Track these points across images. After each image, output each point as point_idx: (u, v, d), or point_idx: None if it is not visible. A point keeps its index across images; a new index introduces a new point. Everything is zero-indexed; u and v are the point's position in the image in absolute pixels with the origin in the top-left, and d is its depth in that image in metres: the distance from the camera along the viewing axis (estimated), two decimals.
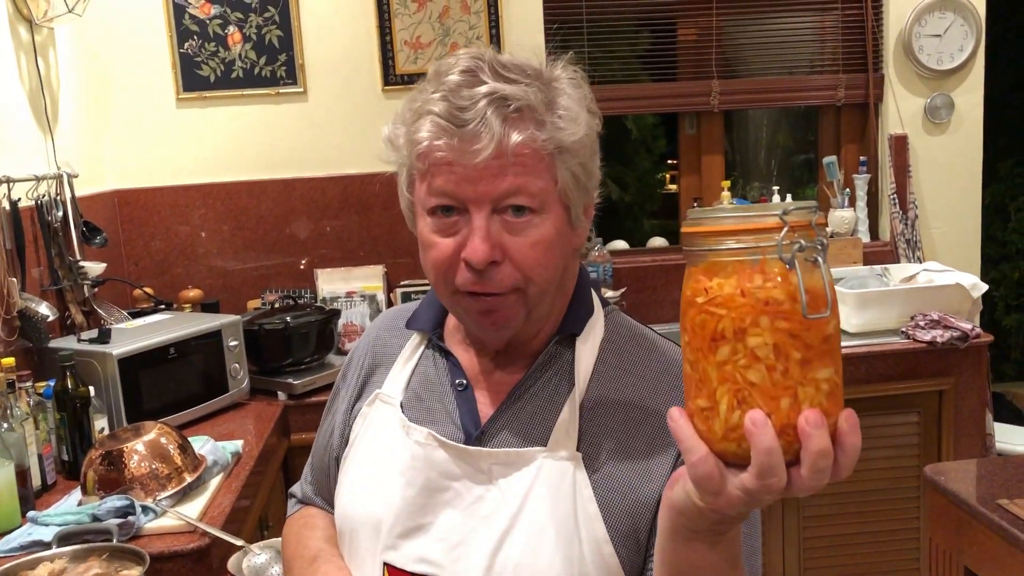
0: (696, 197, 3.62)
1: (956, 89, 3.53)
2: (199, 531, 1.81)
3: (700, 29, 3.57)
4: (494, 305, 0.99)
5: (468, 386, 1.08)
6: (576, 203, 1.01)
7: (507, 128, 0.93)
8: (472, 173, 0.94)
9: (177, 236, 3.33)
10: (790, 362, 0.68)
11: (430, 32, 3.32)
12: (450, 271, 0.99)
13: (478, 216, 0.95)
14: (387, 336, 1.20)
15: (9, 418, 1.94)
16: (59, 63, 2.89)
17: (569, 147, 0.97)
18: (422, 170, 0.98)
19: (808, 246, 0.68)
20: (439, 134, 0.94)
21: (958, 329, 2.92)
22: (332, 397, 1.25)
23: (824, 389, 0.68)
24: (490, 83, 0.94)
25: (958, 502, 1.95)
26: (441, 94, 0.95)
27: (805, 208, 0.69)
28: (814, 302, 0.68)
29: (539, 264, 0.98)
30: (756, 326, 0.68)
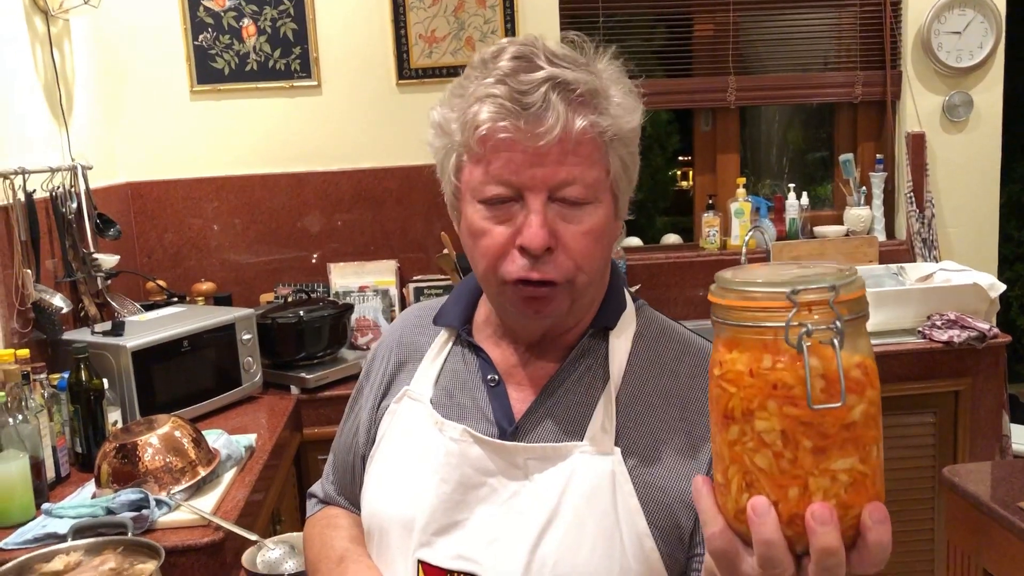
0: (711, 194, 3.60)
1: (975, 87, 3.50)
2: (213, 525, 1.80)
3: (717, 25, 3.54)
4: (543, 295, 0.98)
5: (500, 381, 1.07)
6: (624, 193, 1.01)
7: (571, 113, 0.92)
8: (532, 158, 0.93)
9: (190, 229, 3.33)
10: (800, 450, 0.63)
11: (445, 26, 3.30)
12: (501, 259, 0.97)
13: (535, 201, 0.94)
14: (413, 333, 1.19)
15: (24, 410, 1.93)
16: (74, 55, 2.88)
17: (624, 136, 0.97)
18: (478, 154, 0.96)
19: (817, 329, 0.62)
20: (503, 114, 0.92)
21: (975, 329, 2.90)
22: (355, 395, 1.24)
23: (843, 480, 0.63)
24: (547, 68, 0.93)
25: (976, 504, 1.93)
26: (496, 78, 0.93)
27: (818, 288, 0.63)
28: (827, 389, 0.63)
29: (590, 253, 0.97)
30: (763, 409, 0.64)
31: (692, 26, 3.60)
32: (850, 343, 0.64)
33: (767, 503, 0.64)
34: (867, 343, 0.66)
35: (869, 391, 0.64)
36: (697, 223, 3.65)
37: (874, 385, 0.65)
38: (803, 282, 0.64)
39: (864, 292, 0.65)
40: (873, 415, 0.65)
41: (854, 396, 0.63)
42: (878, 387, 0.65)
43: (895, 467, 2.94)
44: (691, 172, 3.97)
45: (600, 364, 1.05)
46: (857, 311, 0.64)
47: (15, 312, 2.31)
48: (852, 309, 0.64)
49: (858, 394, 0.64)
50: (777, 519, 0.64)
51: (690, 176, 4.08)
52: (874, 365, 0.66)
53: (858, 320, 0.65)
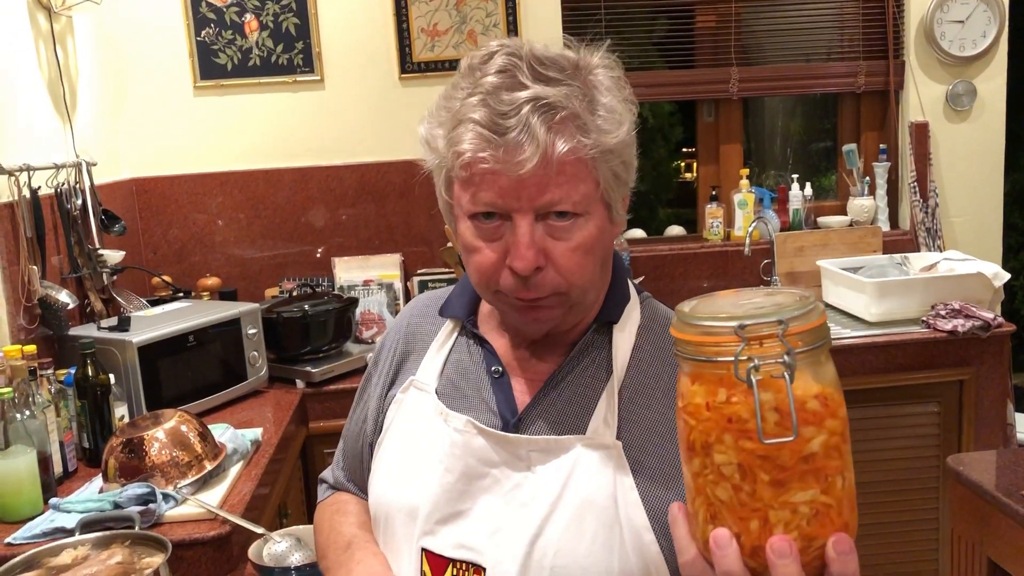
0: (715, 185, 3.60)
1: (978, 76, 3.49)
2: (219, 519, 1.81)
3: (719, 16, 3.54)
4: (535, 305, 0.99)
5: (504, 373, 1.08)
6: (616, 199, 1.01)
7: (552, 136, 0.91)
8: (515, 183, 0.92)
9: (195, 224, 3.34)
10: (758, 483, 0.63)
11: (447, 19, 3.30)
12: (494, 276, 0.99)
13: (522, 223, 0.94)
14: (420, 322, 1.20)
15: (31, 405, 1.95)
16: (77, 51, 2.89)
17: (612, 148, 0.96)
18: (464, 178, 0.96)
19: (766, 363, 0.62)
20: (483, 145, 0.92)
21: (980, 318, 2.89)
22: (364, 383, 1.25)
23: (804, 512, 0.63)
24: (531, 87, 0.92)
25: (981, 493, 1.94)
26: (479, 98, 0.93)
27: (766, 323, 0.62)
28: (782, 422, 0.62)
29: (580, 268, 0.98)
30: (721, 443, 0.64)
31: (694, 17, 3.59)
32: (808, 373, 0.64)
33: (728, 535, 0.64)
34: (828, 371, 0.65)
35: (830, 421, 0.63)
36: (701, 214, 3.65)
37: (836, 415, 0.64)
38: (753, 316, 0.63)
39: (821, 322, 0.64)
40: (835, 445, 0.64)
41: (812, 428, 0.63)
42: (842, 416, 0.65)
43: (899, 456, 2.95)
44: (694, 164, 3.97)
45: (604, 358, 1.06)
46: (812, 342, 0.63)
47: (21, 308, 2.32)
48: (806, 340, 0.63)
49: (816, 425, 0.63)
50: (739, 551, 0.64)
51: (693, 168, 4.08)
52: (837, 394, 0.65)
53: (815, 350, 0.64)
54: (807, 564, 0.64)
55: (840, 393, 0.65)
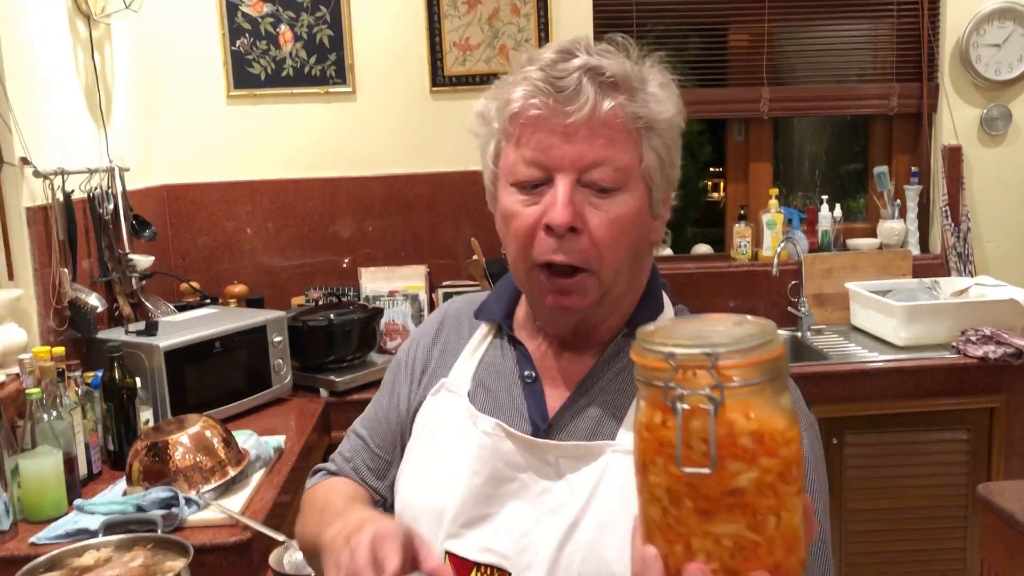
0: (743, 204, 3.58)
1: (1014, 100, 3.46)
2: (241, 525, 1.81)
3: (751, 35, 3.53)
4: (568, 287, 0.99)
5: (536, 378, 1.07)
6: (658, 187, 1.01)
7: (601, 95, 0.95)
8: (561, 137, 0.95)
9: (224, 232, 3.36)
10: (682, 510, 0.64)
11: (479, 34, 3.32)
12: (530, 240, 0.99)
13: (563, 182, 0.96)
14: (454, 324, 1.20)
15: (59, 406, 1.96)
16: (114, 58, 2.93)
17: (657, 124, 0.98)
18: (512, 135, 0.99)
19: (692, 394, 0.62)
20: (534, 93, 0.96)
21: (1011, 345, 2.85)
22: (392, 376, 1.22)
23: (726, 545, 0.63)
24: (584, 56, 0.97)
25: (1013, 523, 1.90)
26: (537, 65, 0.97)
27: (695, 355, 0.62)
28: (707, 453, 0.62)
29: (615, 241, 0.97)
30: (654, 464, 0.65)
31: (726, 36, 3.58)
32: (750, 408, 0.63)
33: (655, 555, 0.66)
34: (772, 410, 0.64)
35: (764, 460, 0.63)
36: (728, 233, 3.63)
37: (774, 454, 0.63)
38: (690, 346, 0.63)
39: (765, 358, 0.63)
40: (770, 483, 0.63)
41: (741, 464, 0.62)
42: (783, 455, 0.63)
43: (927, 484, 2.91)
44: (722, 183, 3.95)
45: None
46: (749, 379, 0.63)
47: (52, 310, 2.34)
48: (744, 376, 0.62)
49: (747, 462, 0.62)
50: (663, 571, 0.65)
51: (720, 187, 4.06)
52: (779, 434, 0.63)
53: (754, 387, 0.63)
54: None
55: (790, 432, 0.64)
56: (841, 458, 2.85)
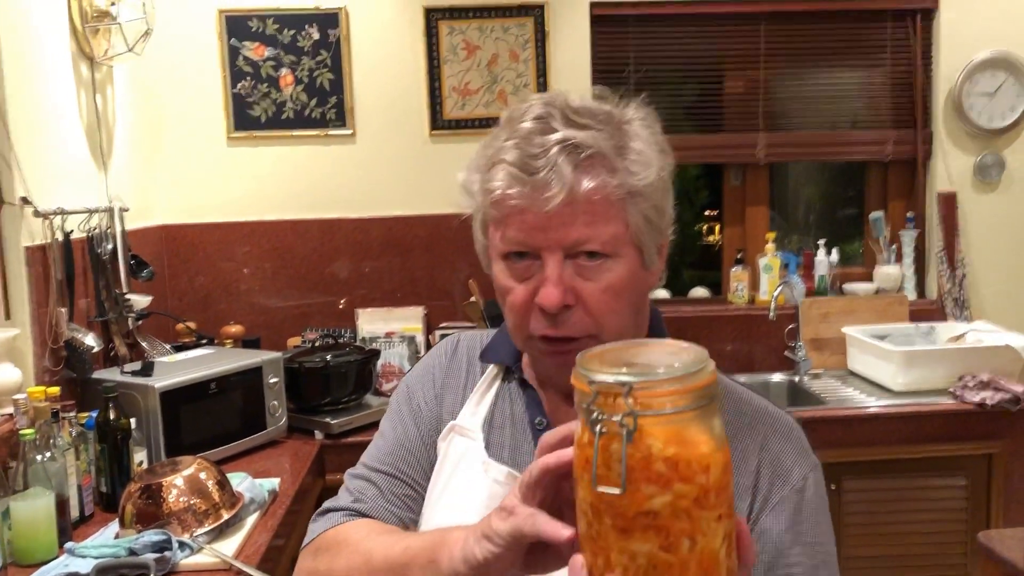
0: (740, 248, 3.60)
1: (1007, 148, 3.49)
2: (235, 569, 1.79)
3: (747, 81, 3.57)
4: (568, 350, 0.97)
5: (548, 425, 1.06)
6: (649, 244, 1.00)
7: (578, 175, 0.93)
8: (543, 220, 0.94)
9: (221, 272, 3.36)
10: (603, 525, 0.67)
11: (479, 79, 3.35)
12: (526, 316, 0.99)
13: (551, 261, 0.95)
14: (464, 361, 1.17)
15: (52, 447, 1.94)
16: (116, 100, 2.95)
17: (641, 191, 0.96)
18: (496, 217, 0.98)
19: (604, 419, 0.66)
20: (511, 183, 0.94)
21: (1009, 391, 2.85)
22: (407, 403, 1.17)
23: (640, 563, 0.66)
24: (561, 130, 0.94)
25: (1014, 571, 1.89)
26: (514, 142, 0.96)
27: (611, 383, 0.66)
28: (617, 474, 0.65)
29: (611, 310, 0.97)
30: (581, 480, 0.69)
31: (723, 83, 3.62)
32: (665, 436, 0.65)
33: (581, 564, 0.70)
34: (692, 437, 0.66)
35: (679, 486, 0.65)
36: (725, 277, 3.64)
37: (690, 480, 0.65)
38: (609, 373, 0.66)
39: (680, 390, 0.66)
40: (684, 508, 0.65)
41: (655, 487, 0.65)
42: (700, 483, 0.66)
43: (926, 530, 2.88)
44: (717, 227, 3.97)
45: None
46: (664, 408, 0.65)
47: (48, 350, 2.33)
48: (660, 405, 0.65)
49: (660, 486, 0.65)
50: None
51: (716, 231, 4.08)
52: (697, 461, 0.66)
53: (670, 415, 0.66)
54: None
55: (713, 458, 0.66)
56: (840, 504, 2.83)
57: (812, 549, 0.99)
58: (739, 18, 3.49)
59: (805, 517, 0.99)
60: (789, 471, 1.00)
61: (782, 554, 0.97)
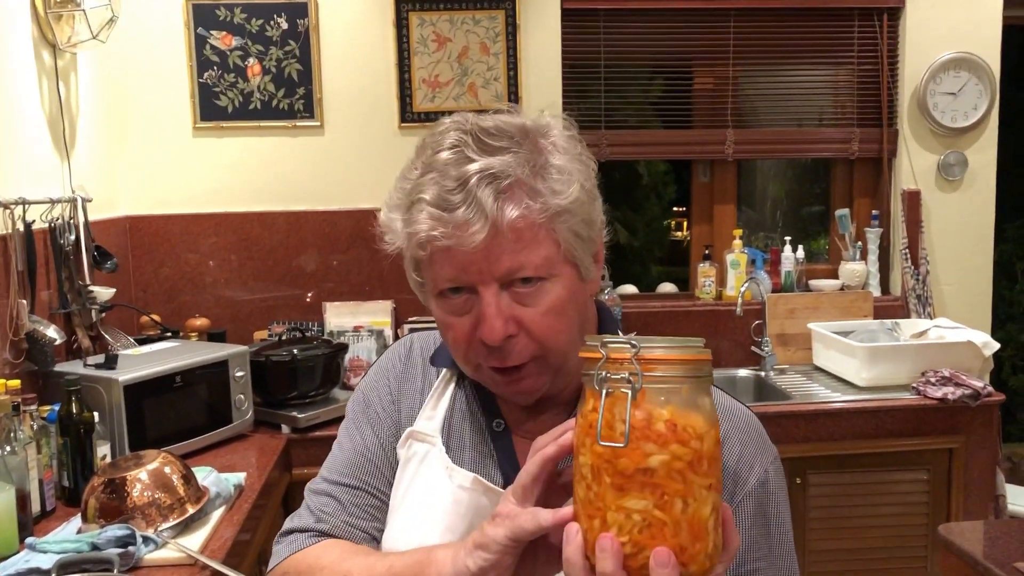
0: (708, 244, 3.62)
1: (970, 147, 3.55)
2: (200, 564, 1.77)
3: (716, 78, 3.59)
4: (517, 378, 0.98)
5: (506, 427, 1.06)
6: (583, 257, 0.98)
7: (499, 205, 0.91)
8: (472, 256, 0.92)
9: (186, 264, 3.32)
10: (602, 485, 0.72)
11: (448, 72, 3.34)
12: (470, 349, 0.98)
13: (487, 294, 0.94)
14: (419, 363, 1.16)
15: (12, 441, 1.91)
16: (80, 88, 2.90)
17: (566, 208, 0.94)
18: (424, 258, 0.96)
19: (612, 377, 0.72)
20: (434, 225, 0.92)
21: (970, 387, 2.90)
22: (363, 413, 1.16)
23: (635, 520, 0.71)
24: (478, 160, 0.92)
25: (973, 564, 1.92)
26: (431, 176, 0.93)
27: (622, 344, 0.73)
28: (620, 432, 0.71)
29: (553, 330, 0.96)
30: (583, 446, 0.75)
31: (692, 79, 3.64)
32: (668, 400, 0.72)
33: (576, 529, 0.74)
34: (689, 407, 0.73)
35: (675, 447, 0.71)
36: (693, 273, 3.66)
37: (685, 444, 0.71)
38: (608, 339, 0.74)
39: (685, 358, 0.73)
40: (679, 469, 0.71)
41: (653, 445, 0.71)
42: (694, 448, 0.72)
43: (887, 524, 2.92)
44: (685, 223, 3.99)
45: None
46: (668, 372, 0.72)
47: (8, 342, 2.29)
48: (664, 370, 0.72)
49: (659, 445, 0.71)
50: (581, 545, 0.74)
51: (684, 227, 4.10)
52: (693, 427, 0.72)
53: (672, 380, 0.72)
54: (635, 570, 0.71)
55: (706, 429, 0.73)
56: (804, 498, 2.87)
57: (776, 542, 1.01)
58: (709, 14, 3.50)
59: (769, 509, 1.01)
60: (751, 465, 1.00)
61: (748, 549, 0.98)
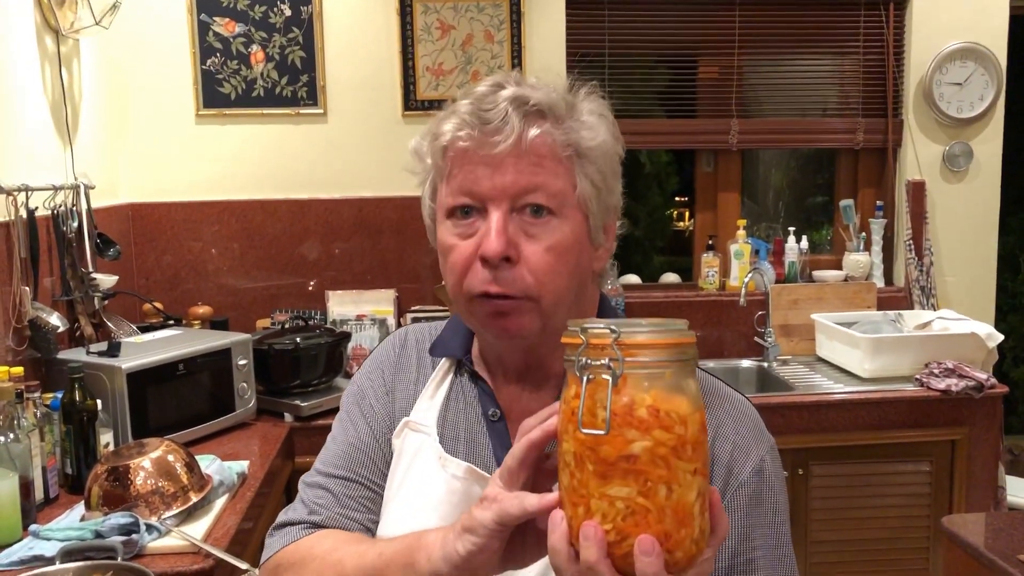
0: (711, 235, 3.61)
1: (975, 138, 3.53)
2: (203, 552, 1.77)
3: (721, 68, 3.57)
4: (507, 309, 0.97)
5: (501, 417, 1.06)
6: (596, 214, 1.00)
7: (526, 124, 0.95)
8: (493, 166, 0.95)
9: (189, 252, 3.32)
10: (585, 472, 0.71)
11: (452, 59, 3.32)
12: (464, 273, 0.98)
13: (496, 212, 0.95)
14: (414, 355, 1.16)
15: (15, 429, 1.91)
16: (82, 74, 2.89)
17: (587, 151, 0.98)
18: (444, 169, 0.99)
19: (593, 364, 0.70)
20: (461, 127, 0.96)
21: (973, 379, 2.89)
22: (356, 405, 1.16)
23: (619, 507, 0.70)
24: (512, 88, 0.97)
25: (977, 556, 1.92)
26: (467, 101, 0.98)
27: (601, 329, 0.71)
28: (610, 420, 0.69)
29: (552, 270, 0.96)
30: (566, 432, 0.73)
31: (696, 68, 3.63)
32: (651, 386, 0.70)
33: (561, 517, 0.73)
34: (673, 392, 0.71)
35: (658, 432, 0.69)
36: (696, 263, 3.65)
37: (668, 429, 0.70)
38: (587, 324, 0.72)
39: (666, 342, 0.71)
40: (662, 455, 0.69)
41: (636, 432, 0.69)
42: (678, 433, 0.70)
43: (890, 515, 2.93)
44: (687, 213, 3.98)
45: None
46: (650, 357, 0.70)
47: (11, 329, 2.29)
48: (645, 355, 0.70)
49: (642, 431, 0.69)
50: (566, 532, 0.73)
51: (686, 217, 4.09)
52: (676, 413, 0.70)
53: (654, 365, 0.71)
54: (620, 557, 0.70)
55: (690, 415, 0.71)
56: (806, 489, 2.87)
57: (773, 531, 1.00)
58: (714, 2, 3.48)
59: (764, 497, 1.00)
60: (746, 453, 1.00)
61: (745, 537, 0.98)
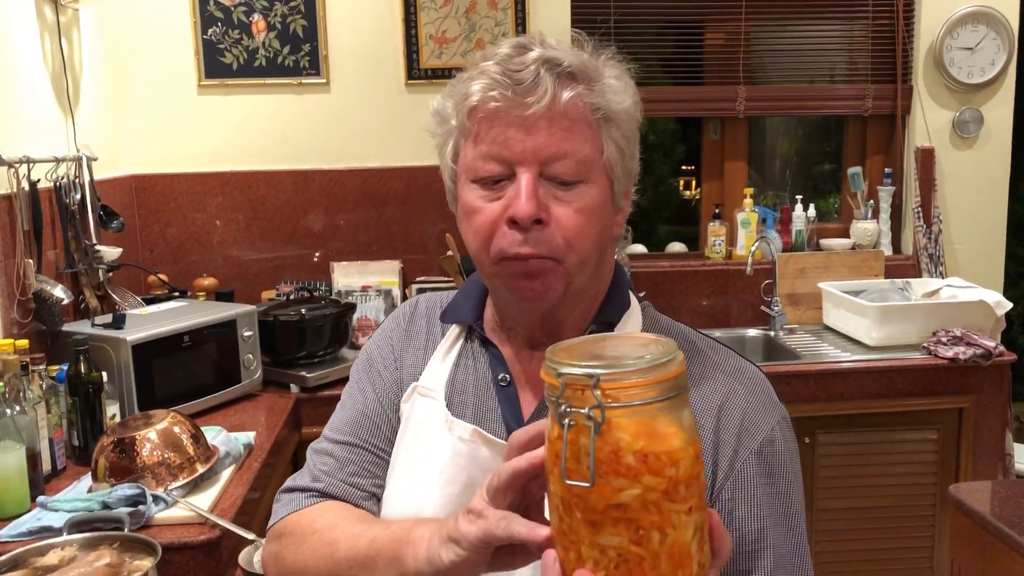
0: (718, 203, 3.58)
1: (986, 104, 3.49)
2: (209, 523, 1.78)
3: (728, 34, 3.53)
4: (535, 269, 0.96)
5: (511, 382, 1.05)
6: (619, 178, 1.00)
7: (559, 86, 0.94)
8: (524, 129, 0.93)
9: (193, 223, 3.31)
10: (573, 519, 0.67)
11: (456, 27, 3.28)
12: (491, 236, 0.96)
13: (525, 175, 0.94)
14: (423, 322, 1.16)
15: (22, 401, 1.91)
16: (82, 45, 2.86)
17: (615, 115, 0.97)
18: (471, 131, 0.97)
19: (572, 411, 0.65)
20: (493, 86, 0.94)
21: (981, 346, 2.88)
22: (366, 372, 1.15)
23: (611, 556, 0.66)
24: (540, 50, 0.96)
25: (984, 524, 1.91)
26: (493, 61, 0.95)
27: (579, 375, 0.65)
28: (596, 469, 0.65)
29: (581, 232, 0.96)
30: (552, 474, 0.69)
31: (703, 34, 3.58)
32: (634, 428, 0.65)
33: (553, 557, 0.70)
34: (661, 430, 0.65)
35: (648, 478, 0.65)
36: (703, 232, 3.63)
37: (659, 473, 0.65)
38: (578, 365, 0.65)
39: (647, 382, 0.65)
40: (654, 501, 0.65)
41: (624, 480, 0.65)
42: (669, 475, 0.65)
43: (897, 483, 2.93)
44: (694, 182, 3.95)
45: None
46: (632, 400, 0.65)
47: (16, 302, 2.28)
48: (628, 397, 0.65)
49: (630, 479, 0.65)
50: (559, 574, 0.69)
51: (692, 186, 4.06)
52: (667, 454, 0.65)
53: (638, 408, 0.65)
54: None
55: (682, 451, 0.66)
56: (813, 457, 2.87)
57: (784, 499, 0.99)
58: None
59: (775, 468, 0.99)
60: (756, 424, 0.99)
61: (752, 508, 0.97)
